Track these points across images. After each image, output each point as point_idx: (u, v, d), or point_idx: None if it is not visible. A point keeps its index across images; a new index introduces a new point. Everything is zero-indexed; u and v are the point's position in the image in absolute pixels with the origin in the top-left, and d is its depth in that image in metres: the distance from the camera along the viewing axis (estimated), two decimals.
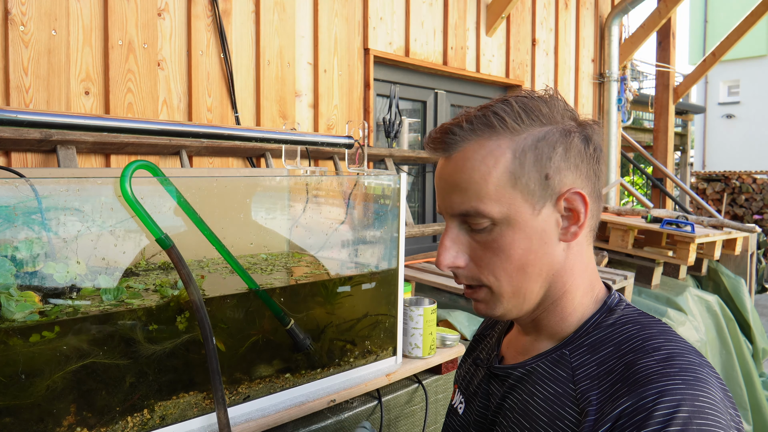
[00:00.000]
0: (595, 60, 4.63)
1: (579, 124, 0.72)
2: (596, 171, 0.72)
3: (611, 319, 0.72)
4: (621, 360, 0.66)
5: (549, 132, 0.69)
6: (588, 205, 0.70)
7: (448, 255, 0.72)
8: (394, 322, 1.40)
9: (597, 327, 0.72)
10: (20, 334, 0.83)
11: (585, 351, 0.70)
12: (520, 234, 0.69)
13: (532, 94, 0.72)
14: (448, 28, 3.30)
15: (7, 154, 1.78)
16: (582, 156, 0.70)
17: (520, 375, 0.75)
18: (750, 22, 5.01)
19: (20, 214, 0.86)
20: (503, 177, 0.68)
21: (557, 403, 0.68)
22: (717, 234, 3.31)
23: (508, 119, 0.69)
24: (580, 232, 0.71)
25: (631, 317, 0.72)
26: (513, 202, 0.68)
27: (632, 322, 0.71)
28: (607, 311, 0.74)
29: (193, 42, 2.18)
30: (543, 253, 0.70)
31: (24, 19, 1.77)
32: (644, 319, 0.72)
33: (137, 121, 1.10)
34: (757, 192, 8.74)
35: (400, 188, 1.36)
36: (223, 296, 1.11)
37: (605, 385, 0.65)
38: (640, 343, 0.67)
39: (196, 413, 1.03)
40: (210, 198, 1.10)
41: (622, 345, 0.68)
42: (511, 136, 0.69)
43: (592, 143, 0.71)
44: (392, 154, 2.94)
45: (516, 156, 0.68)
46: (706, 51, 17.52)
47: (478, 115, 0.70)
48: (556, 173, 0.69)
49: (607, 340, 0.70)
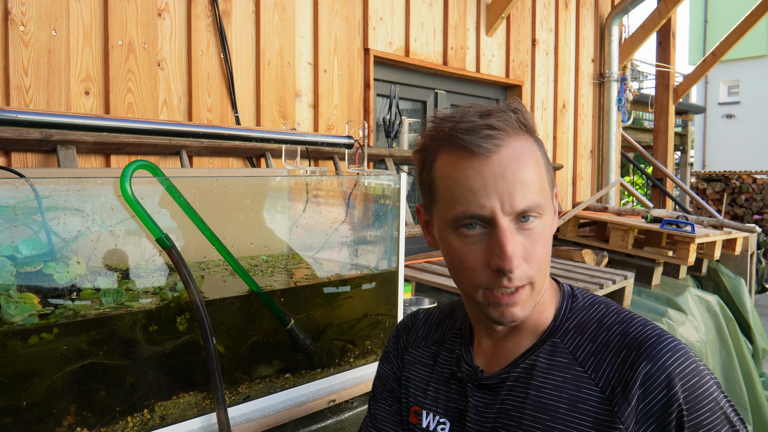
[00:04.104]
0: (595, 60, 4.63)
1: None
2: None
3: (579, 303, 0.80)
4: (610, 331, 0.74)
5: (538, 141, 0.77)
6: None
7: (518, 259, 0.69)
8: (394, 322, 1.40)
9: (571, 312, 0.79)
10: (20, 335, 0.83)
11: (573, 334, 0.76)
12: (550, 226, 0.75)
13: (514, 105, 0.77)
14: (448, 28, 3.30)
15: (7, 154, 1.78)
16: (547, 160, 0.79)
17: (518, 375, 0.76)
18: (750, 22, 5.01)
19: (20, 214, 0.86)
20: (544, 172, 0.74)
21: (571, 387, 0.72)
22: (717, 234, 3.31)
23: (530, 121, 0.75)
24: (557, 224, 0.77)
25: (591, 299, 0.81)
26: (549, 195, 0.75)
27: (597, 302, 0.80)
28: (571, 297, 0.81)
29: (193, 42, 2.18)
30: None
31: (24, 19, 1.77)
32: (598, 299, 0.81)
33: (137, 121, 1.10)
34: (757, 192, 8.74)
35: (400, 188, 1.36)
36: (223, 297, 1.11)
37: (610, 355, 0.72)
38: (615, 317, 0.76)
39: (196, 413, 1.03)
40: (210, 198, 1.10)
41: (603, 320, 0.76)
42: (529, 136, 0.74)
43: None
44: (392, 154, 2.94)
45: (542, 153, 0.75)
46: (706, 51, 17.51)
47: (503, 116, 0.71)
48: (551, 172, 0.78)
49: (587, 320, 0.77)
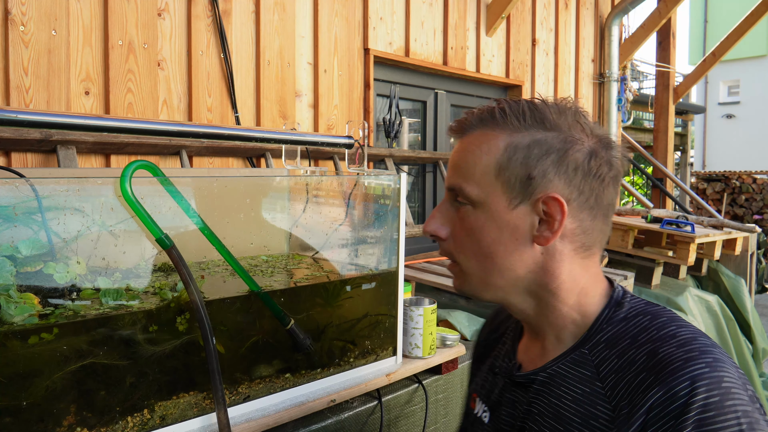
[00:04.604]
0: (595, 60, 4.63)
1: (592, 140, 0.73)
2: (594, 187, 0.72)
3: (622, 313, 0.73)
4: (640, 350, 0.68)
5: (548, 137, 0.72)
6: (565, 213, 0.71)
7: (433, 222, 0.78)
8: (394, 322, 1.40)
9: (609, 322, 0.73)
10: (20, 336, 0.83)
11: (603, 347, 0.72)
12: (492, 223, 0.73)
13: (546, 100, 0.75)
14: (448, 28, 3.30)
15: (7, 154, 1.78)
16: (579, 168, 0.72)
17: (543, 379, 0.76)
18: (750, 22, 5.01)
19: (20, 214, 0.86)
20: (490, 166, 0.73)
21: (587, 402, 0.70)
22: (717, 234, 3.31)
23: (510, 116, 0.73)
24: (552, 238, 0.72)
25: (639, 308, 0.74)
26: (492, 191, 0.73)
27: (642, 314, 0.73)
28: (615, 305, 0.75)
29: (193, 42, 2.18)
30: (513, 249, 0.73)
31: (24, 19, 1.77)
32: (652, 308, 0.74)
33: (137, 121, 1.10)
34: (757, 192, 8.74)
35: (400, 188, 1.36)
36: (223, 298, 1.11)
37: (629, 375, 0.67)
38: (655, 333, 0.69)
39: (196, 413, 1.03)
40: (210, 198, 1.10)
41: (639, 336, 0.69)
42: (510, 132, 0.73)
43: (597, 160, 0.72)
44: (392, 154, 2.94)
45: (507, 150, 0.72)
46: (706, 51, 17.50)
47: (490, 108, 0.75)
48: (542, 177, 0.71)
49: (622, 333, 0.71)
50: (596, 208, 0.73)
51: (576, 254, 0.75)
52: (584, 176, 0.72)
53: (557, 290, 0.75)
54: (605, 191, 0.73)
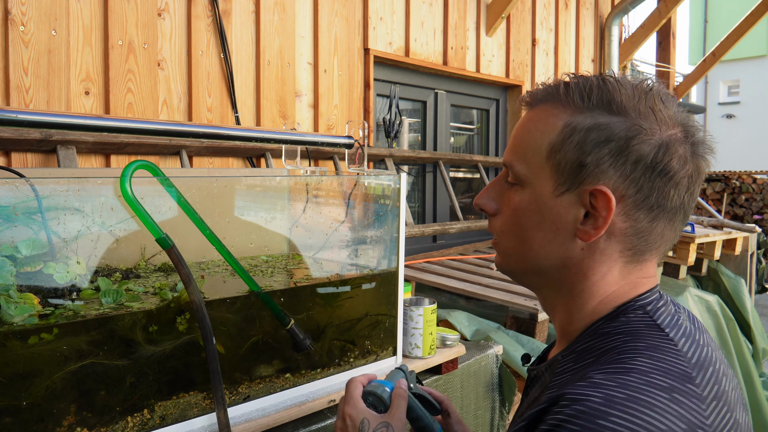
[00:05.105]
0: (595, 60, 4.63)
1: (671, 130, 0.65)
2: (658, 185, 0.64)
3: (608, 328, 0.65)
4: (585, 369, 0.61)
5: (612, 123, 0.64)
6: (612, 210, 0.63)
7: (484, 196, 0.75)
8: (394, 322, 1.40)
9: (594, 334, 0.66)
10: (20, 336, 0.83)
11: (572, 359, 0.66)
12: (535, 206, 0.68)
13: (621, 78, 0.67)
14: (448, 28, 3.30)
15: (7, 154, 1.78)
16: (641, 161, 0.63)
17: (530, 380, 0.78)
18: (750, 22, 5.01)
19: (20, 214, 0.86)
20: (543, 145, 0.68)
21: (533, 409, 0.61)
22: (717, 234, 3.31)
23: (574, 93, 0.67)
24: (595, 235, 0.65)
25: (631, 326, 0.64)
26: (540, 173, 0.68)
27: (625, 333, 0.63)
28: (610, 318, 0.67)
29: (193, 42, 2.18)
30: (552, 238, 0.67)
31: (24, 19, 1.77)
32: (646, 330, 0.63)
33: (137, 121, 1.10)
34: (757, 192, 8.73)
35: (400, 188, 1.36)
36: (223, 298, 1.11)
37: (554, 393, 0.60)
38: (613, 355, 0.60)
39: (196, 413, 1.03)
40: (210, 198, 1.10)
41: (602, 357, 0.61)
42: (572, 112, 0.66)
43: (668, 154, 0.63)
44: (392, 154, 2.94)
45: (563, 131, 0.66)
46: (706, 51, 17.50)
47: (557, 82, 0.70)
48: (595, 166, 0.64)
49: (592, 349, 0.64)
50: (658, 209, 0.65)
51: (621, 257, 0.67)
52: (646, 171, 0.63)
53: (581, 294, 0.69)
54: (674, 191, 0.64)
